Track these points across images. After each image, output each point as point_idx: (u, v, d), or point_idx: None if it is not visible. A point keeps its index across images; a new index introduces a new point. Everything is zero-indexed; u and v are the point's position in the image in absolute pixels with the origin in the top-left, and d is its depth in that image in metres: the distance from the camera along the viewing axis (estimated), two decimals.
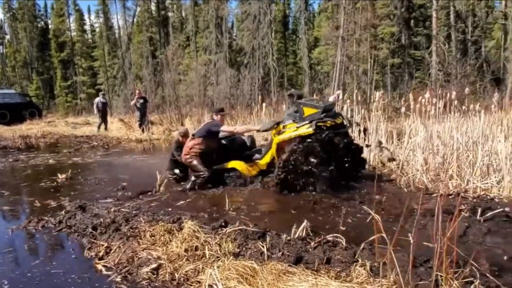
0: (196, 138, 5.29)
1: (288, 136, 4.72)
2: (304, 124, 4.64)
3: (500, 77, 20.40)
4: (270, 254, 2.92)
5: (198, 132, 5.41)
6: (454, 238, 2.14)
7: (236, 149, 5.54)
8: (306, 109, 4.79)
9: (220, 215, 3.90)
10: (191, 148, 5.27)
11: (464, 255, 2.43)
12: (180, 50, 22.45)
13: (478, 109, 6.00)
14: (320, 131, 4.52)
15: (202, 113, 16.14)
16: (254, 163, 5.28)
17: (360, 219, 3.74)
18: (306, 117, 4.74)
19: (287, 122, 4.97)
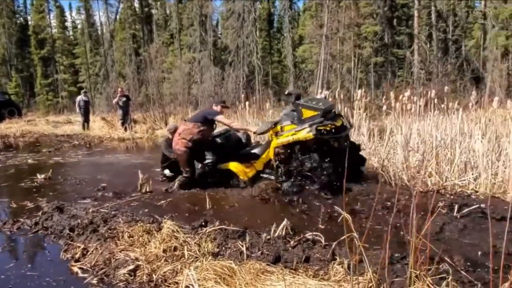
0: (188, 123, 4.97)
1: (287, 140, 4.52)
2: (303, 128, 4.44)
3: (480, 75, 20.87)
4: (249, 254, 2.91)
5: (193, 117, 5.09)
6: (428, 235, 2.17)
7: (231, 146, 5.29)
8: (305, 111, 4.57)
9: (200, 215, 3.86)
10: (180, 133, 4.92)
11: (439, 251, 2.47)
12: (163, 48, 22.22)
13: (456, 107, 6.10)
14: (320, 136, 4.34)
15: (186, 111, 16.05)
16: (250, 164, 5.06)
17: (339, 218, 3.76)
18: (305, 119, 4.54)
19: (285, 123, 4.76)
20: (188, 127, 4.89)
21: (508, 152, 5.17)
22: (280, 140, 4.59)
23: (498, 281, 1.94)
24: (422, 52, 19.88)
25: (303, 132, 4.41)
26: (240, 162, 5.08)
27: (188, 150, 4.87)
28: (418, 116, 6.81)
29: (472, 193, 4.60)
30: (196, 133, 4.87)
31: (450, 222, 3.54)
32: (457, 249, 2.91)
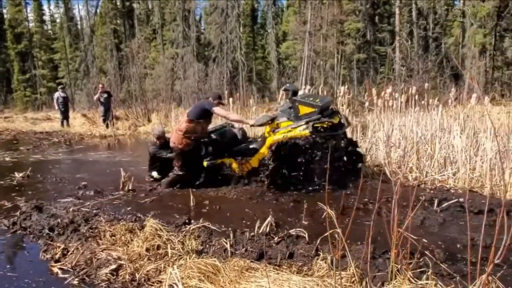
0: (190, 120, 4.77)
1: (283, 136, 4.45)
2: (300, 125, 4.40)
3: (459, 72, 21.34)
4: (233, 251, 2.91)
5: (192, 113, 4.86)
6: (409, 229, 2.21)
7: (226, 142, 5.19)
8: (302, 107, 4.51)
9: (184, 213, 3.84)
10: (182, 130, 4.73)
11: (420, 245, 2.52)
12: (145, 43, 21.86)
13: (436, 104, 6.23)
14: (317, 133, 4.30)
15: (169, 108, 15.88)
16: (246, 161, 4.98)
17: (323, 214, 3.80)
18: (302, 116, 4.49)
19: (281, 119, 4.70)
20: (192, 124, 4.73)
21: (486, 147, 5.32)
22: (275, 137, 4.53)
23: (476, 273, 1.99)
24: (404, 49, 20.18)
25: (299, 129, 4.38)
26: (235, 158, 5.03)
27: (190, 149, 4.79)
28: (400, 112, 6.92)
29: (451, 187, 4.71)
30: (200, 131, 4.80)
31: (430, 216, 3.62)
32: (437, 242, 2.97)
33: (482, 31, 18.83)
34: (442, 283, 2.09)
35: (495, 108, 12.19)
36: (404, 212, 2.80)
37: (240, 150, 5.13)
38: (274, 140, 4.54)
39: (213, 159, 5.08)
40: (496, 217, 3.51)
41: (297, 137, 4.36)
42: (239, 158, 5.01)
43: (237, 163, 5.01)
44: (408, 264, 2.14)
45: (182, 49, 20.46)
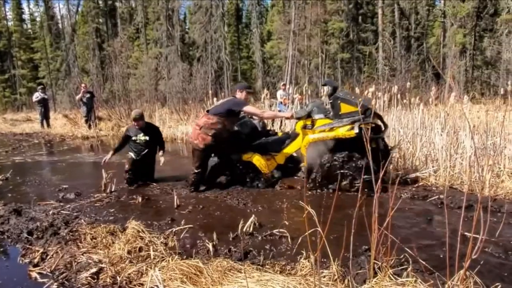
0: (210, 116, 4.42)
1: (324, 136, 4.23)
2: (343, 125, 4.17)
3: (440, 71, 21.76)
4: (217, 251, 2.89)
5: (215, 109, 4.50)
6: (389, 227, 2.23)
7: (247, 134, 4.85)
8: (344, 105, 4.24)
9: (167, 214, 3.80)
10: (201, 127, 4.41)
11: (401, 242, 2.55)
12: (128, 43, 21.59)
13: (417, 103, 6.33)
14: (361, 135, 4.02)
15: (153, 108, 15.72)
16: (271, 157, 4.74)
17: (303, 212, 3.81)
18: (343, 114, 4.23)
19: (317, 116, 4.45)
20: (211, 121, 4.41)
21: (465, 145, 5.43)
22: (315, 135, 4.30)
23: (454, 268, 2.03)
24: (387, 48, 20.47)
25: (343, 129, 4.15)
26: (260, 153, 4.75)
27: (207, 147, 4.49)
28: (382, 111, 7.01)
29: (432, 184, 4.79)
30: (219, 128, 4.43)
31: (412, 213, 3.67)
32: (418, 238, 3.02)
33: (462, 31, 19.23)
34: (422, 279, 2.12)
35: (475, 107, 12.48)
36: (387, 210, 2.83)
37: (262, 145, 4.81)
38: (313, 138, 4.30)
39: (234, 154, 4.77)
40: (474, 213, 3.60)
41: (340, 137, 4.14)
42: (263, 153, 4.73)
43: (265, 159, 4.72)
44: (388, 262, 2.16)
45: (166, 48, 20.27)
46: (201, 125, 4.43)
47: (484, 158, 4.91)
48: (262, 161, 4.72)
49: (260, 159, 4.72)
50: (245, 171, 4.80)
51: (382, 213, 2.84)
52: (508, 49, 15.44)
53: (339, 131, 4.16)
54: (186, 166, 7.13)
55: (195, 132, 4.48)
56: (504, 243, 2.94)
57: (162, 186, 5.08)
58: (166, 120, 12.70)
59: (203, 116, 4.54)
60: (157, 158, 5.36)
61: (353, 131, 4.06)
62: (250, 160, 4.75)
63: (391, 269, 2.30)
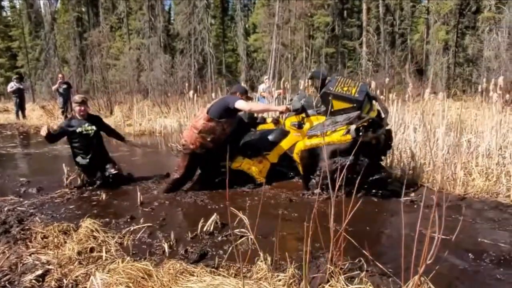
0: (210, 118, 4.02)
1: (317, 143, 3.84)
2: (338, 129, 3.76)
3: (423, 68, 21.93)
4: (174, 252, 2.76)
5: (212, 111, 4.06)
6: (343, 227, 2.14)
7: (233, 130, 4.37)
8: (336, 102, 3.81)
9: (129, 212, 3.64)
10: (200, 131, 4.02)
11: (364, 243, 2.47)
12: (109, 32, 21.06)
13: (394, 98, 6.28)
14: (360, 137, 3.65)
15: (135, 100, 15.40)
16: (263, 158, 4.32)
17: (268, 212, 3.71)
18: (336, 111, 3.82)
19: (309, 111, 4.07)
20: (210, 123, 4.02)
21: (439, 142, 5.41)
22: (308, 143, 3.91)
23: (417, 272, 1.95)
24: (371, 44, 20.49)
25: (338, 134, 3.76)
26: (250, 157, 4.33)
27: (202, 153, 4.12)
28: None
29: (408, 182, 4.74)
30: (219, 132, 4.06)
31: (380, 213, 3.60)
32: (382, 240, 2.94)
33: (445, 28, 19.36)
34: (377, 284, 2.04)
35: (456, 104, 12.58)
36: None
37: (251, 145, 4.36)
38: (307, 146, 3.92)
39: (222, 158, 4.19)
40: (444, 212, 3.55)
41: (335, 143, 3.74)
42: (254, 156, 4.31)
43: (256, 163, 4.30)
44: (338, 266, 2.07)
45: (148, 39, 19.84)
46: (199, 129, 4.03)
47: (457, 155, 4.89)
48: (254, 167, 4.34)
49: (250, 165, 4.34)
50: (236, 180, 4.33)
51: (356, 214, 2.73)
52: (488, 47, 15.61)
53: (334, 136, 3.76)
54: (164, 161, 7.00)
55: (193, 136, 4.08)
56: (466, 244, 2.89)
57: (134, 181, 4.84)
58: (145, 112, 12.43)
59: (201, 118, 4.09)
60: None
61: (349, 136, 3.68)
62: (239, 168, 4.36)
63: (348, 273, 2.22)
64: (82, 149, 4.58)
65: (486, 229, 3.25)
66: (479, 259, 2.66)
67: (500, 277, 2.42)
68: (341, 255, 2.06)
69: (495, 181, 4.36)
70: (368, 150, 3.81)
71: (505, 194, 4.08)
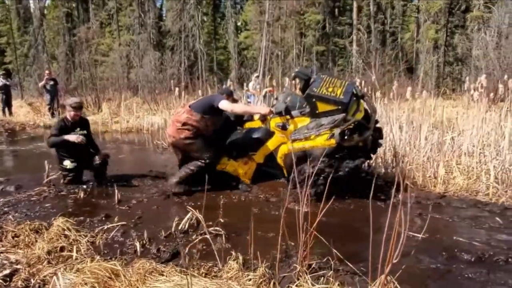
0: (193, 112, 4.00)
1: (300, 147, 3.71)
2: (322, 133, 3.62)
3: (413, 66, 22.05)
4: (146, 251, 2.72)
5: (196, 105, 4.08)
6: (313, 226, 2.12)
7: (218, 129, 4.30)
8: (321, 104, 3.70)
9: (105, 210, 3.58)
10: (183, 123, 4.00)
11: (335, 243, 2.45)
12: (98, 29, 20.83)
13: (379, 96, 6.28)
14: (345, 142, 3.58)
15: (124, 97, 15.25)
16: (248, 159, 4.21)
17: (244, 211, 3.68)
18: (321, 113, 3.71)
19: (293, 112, 3.93)
20: (194, 117, 3.99)
21: (422, 141, 5.42)
22: (291, 147, 3.77)
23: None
24: (362, 42, 20.54)
25: (322, 138, 3.63)
26: (235, 158, 4.22)
27: (196, 136, 4.03)
28: None
29: (390, 180, 4.73)
30: (202, 128, 4.04)
31: (358, 212, 3.59)
32: (358, 239, 2.93)
33: (434, 27, 19.47)
34: (343, 284, 2.02)
35: (445, 102, 12.65)
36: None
37: (237, 144, 4.23)
38: (290, 150, 3.78)
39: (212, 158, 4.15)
40: (423, 212, 3.54)
41: (319, 148, 3.60)
42: (240, 156, 4.20)
43: (242, 164, 4.20)
44: (304, 266, 2.05)
45: (138, 35, 19.65)
46: (182, 122, 3.99)
47: (441, 154, 4.90)
48: (239, 169, 4.22)
49: (236, 166, 4.21)
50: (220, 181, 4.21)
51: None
52: (477, 46, 15.73)
53: (317, 140, 3.64)
54: (149, 158, 6.92)
55: (174, 128, 4.04)
56: (442, 243, 2.89)
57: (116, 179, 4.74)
58: (133, 109, 12.32)
59: (184, 111, 4.05)
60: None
61: (333, 140, 3.56)
62: (224, 169, 4.25)
63: (318, 272, 2.20)
64: (71, 153, 4.34)
65: (463, 227, 3.26)
66: (453, 258, 2.66)
67: (472, 276, 2.42)
68: (308, 255, 2.03)
69: (475, 179, 4.38)
70: (354, 153, 3.74)
71: (484, 192, 4.10)
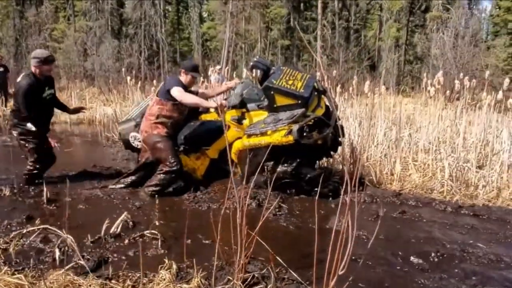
0: (163, 101, 3.61)
1: (256, 143, 3.44)
2: (279, 128, 3.35)
3: (376, 64, 22.47)
4: (67, 259, 2.36)
5: (161, 92, 3.68)
6: (255, 233, 1.87)
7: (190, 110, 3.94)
8: (279, 97, 3.48)
9: (29, 210, 3.16)
10: (157, 116, 3.60)
11: (283, 249, 2.22)
12: (51, 12, 19.54)
13: (338, 91, 6.16)
14: (303, 139, 3.33)
15: (80, 86, 14.40)
16: (201, 153, 3.90)
17: (188, 211, 3.39)
18: (279, 107, 3.49)
19: (249, 105, 3.70)
20: (166, 107, 3.60)
21: (379, 137, 5.35)
22: (247, 142, 3.51)
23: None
24: (327, 38, 20.61)
25: (279, 134, 3.35)
26: (187, 153, 3.87)
27: (168, 136, 3.66)
28: None
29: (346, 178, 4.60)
30: (177, 116, 3.67)
31: (308, 214, 3.40)
32: (306, 243, 2.73)
33: (396, 25, 19.88)
34: None
35: (404, 100, 12.92)
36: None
37: (190, 138, 3.86)
38: (245, 145, 3.52)
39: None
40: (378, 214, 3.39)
41: (276, 144, 3.29)
42: (191, 151, 3.88)
43: (193, 159, 3.86)
44: (239, 279, 1.80)
45: (95, 22, 18.60)
46: (156, 114, 3.61)
47: (398, 150, 4.83)
48: (191, 164, 3.88)
49: (187, 162, 3.84)
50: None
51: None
52: (435, 45, 16.20)
53: (274, 136, 3.36)
54: (97, 152, 6.41)
55: (151, 124, 3.64)
56: (394, 245, 2.75)
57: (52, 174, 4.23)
58: (86, 100, 11.59)
59: (155, 104, 3.66)
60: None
61: (291, 137, 3.29)
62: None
63: (260, 282, 1.96)
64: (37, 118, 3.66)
65: (418, 228, 3.15)
66: (407, 263, 2.51)
67: (425, 281, 2.27)
68: (244, 265, 1.78)
69: (430, 176, 4.33)
70: (311, 151, 3.56)
71: (439, 190, 4.05)
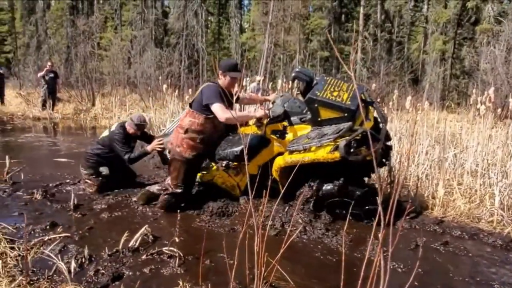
0: (196, 114, 3.33)
1: (299, 160, 3.09)
2: (325, 144, 3.06)
3: (419, 78, 21.60)
4: (81, 272, 2.29)
5: (196, 103, 3.38)
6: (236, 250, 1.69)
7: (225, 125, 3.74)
8: (323, 110, 3.22)
9: (54, 216, 3.16)
10: (187, 130, 3.33)
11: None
12: (102, 22, 20.50)
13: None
14: (351, 156, 3.01)
15: (122, 93, 14.87)
16: (240, 168, 3.66)
17: (212, 230, 3.25)
18: (323, 121, 3.25)
19: (293, 120, 3.48)
20: (198, 120, 3.32)
21: (421, 156, 4.99)
22: (289, 159, 3.22)
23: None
24: (368, 50, 20.12)
25: (324, 150, 3.06)
26: (225, 169, 3.67)
27: (195, 157, 3.40)
28: None
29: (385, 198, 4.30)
30: (210, 130, 3.38)
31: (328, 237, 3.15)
32: (327, 273, 2.50)
33: (442, 38, 19.02)
34: None
35: (449, 116, 12.20)
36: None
37: (228, 153, 3.48)
38: (287, 162, 3.22)
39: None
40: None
41: (320, 161, 3.07)
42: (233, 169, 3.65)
43: (232, 176, 3.65)
44: None
45: (140, 31, 19.29)
46: (185, 127, 3.34)
47: (442, 171, 4.45)
48: (230, 181, 3.67)
49: (225, 178, 3.66)
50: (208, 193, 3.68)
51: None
52: (485, 59, 15.25)
53: (319, 153, 3.07)
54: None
55: (178, 137, 3.38)
56: (429, 283, 2.45)
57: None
58: (127, 105, 11.92)
59: (187, 115, 3.39)
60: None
61: (337, 153, 3.00)
62: (212, 181, 3.69)
63: None
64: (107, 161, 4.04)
65: (461, 263, 2.80)
66: None
67: None
68: None
69: (478, 203, 3.91)
70: (359, 169, 3.26)
71: (487, 219, 3.64)
